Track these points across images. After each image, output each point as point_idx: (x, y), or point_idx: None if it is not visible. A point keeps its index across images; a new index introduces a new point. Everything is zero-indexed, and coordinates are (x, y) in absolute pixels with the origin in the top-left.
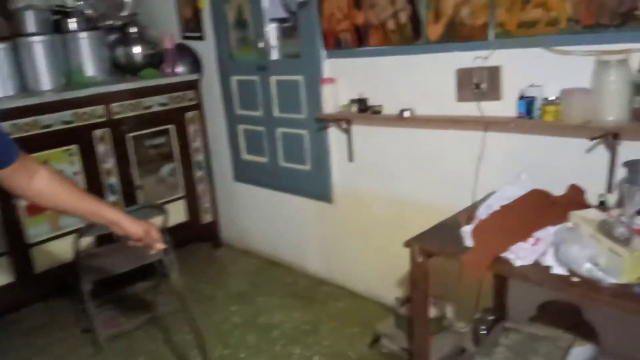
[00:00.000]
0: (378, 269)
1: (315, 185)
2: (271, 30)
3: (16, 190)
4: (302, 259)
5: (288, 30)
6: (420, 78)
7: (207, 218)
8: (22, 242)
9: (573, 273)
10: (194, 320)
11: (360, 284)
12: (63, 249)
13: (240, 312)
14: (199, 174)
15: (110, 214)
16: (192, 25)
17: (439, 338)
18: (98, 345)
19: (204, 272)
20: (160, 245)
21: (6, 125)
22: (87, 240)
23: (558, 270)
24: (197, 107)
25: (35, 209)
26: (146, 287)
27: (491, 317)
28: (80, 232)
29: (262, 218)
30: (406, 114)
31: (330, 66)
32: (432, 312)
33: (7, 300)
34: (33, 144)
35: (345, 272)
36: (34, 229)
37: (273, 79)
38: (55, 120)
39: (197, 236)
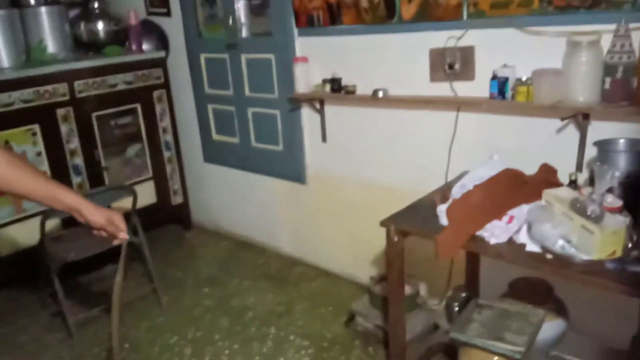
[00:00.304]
0: (351, 249)
1: (288, 166)
2: (241, 7)
3: None
4: (274, 240)
5: (258, 8)
6: (394, 58)
7: (176, 200)
8: None
9: (546, 250)
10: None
11: (333, 264)
12: (28, 233)
13: (212, 295)
14: (167, 154)
15: (71, 200)
16: (157, 0)
17: (412, 316)
18: (67, 331)
19: (174, 255)
20: (123, 235)
21: None
22: (52, 223)
23: (532, 247)
24: (165, 85)
25: None
26: (114, 271)
27: (464, 294)
28: (45, 215)
29: (233, 199)
30: (380, 94)
31: (302, 45)
32: (406, 290)
33: None
34: None
35: (318, 253)
36: None
37: (243, 57)
38: (15, 99)
39: (167, 218)
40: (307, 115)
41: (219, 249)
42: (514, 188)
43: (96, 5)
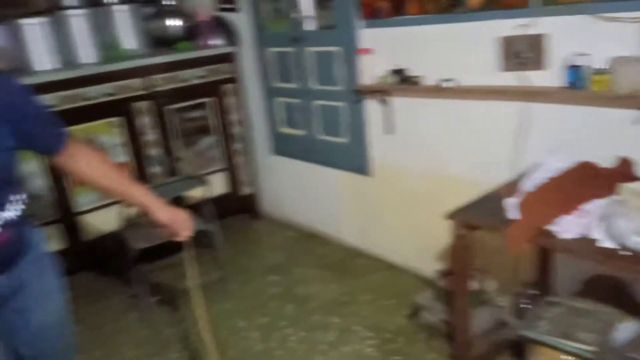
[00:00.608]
0: (415, 242)
1: (353, 158)
2: (305, 1)
3: (59, 166)
4: (338, 231)
5: (322, 1)
6: (460, 47)
7: (246, 190)
8: (70, 211)
9: (621, 246)
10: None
11: (397, 256)
12: (110, 218)
13: (278, 282)
14: (237, 146)
15: (142, 198)
16: None
17: (479, 311)
18: (144, 312)
19: (242, 243)
20: (186, 233)
21: (51, 97)
22: (133, 209)
23: (606, 243)
24: (234, 79)
25: None
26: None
27: (534, 291)
28: (125, 203)
29: (299, 191)
30: (446, 84)
31: (366, 36)
32: (473, 284)
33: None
34: (77, 116)
35: (381, 245)
36: (82, 198)
37: (308, 50)
38: (97, 93)
39: (237, 208)
40: (372, 107)
41: (285, 239)
42: (587, 181)
43: (168, 2)
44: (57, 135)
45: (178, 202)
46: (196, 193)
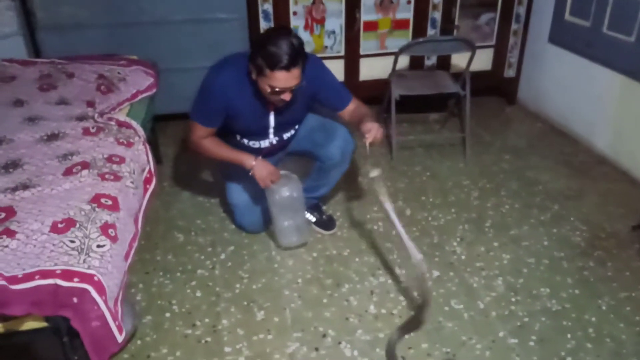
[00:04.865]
0: None
1: (635, 61)
2: None
3: (343, 118)
4: (591, 134)
5: None
6: None
7: (509, 73)
8: (356, 52)
9: None
10: None
11: None
12: (384, 66)
13: (511, 162)
14: (514, 27)
15: (364, 120)
16: None
17: None
18: (390, 150)
19: (489, 121)
20: (367, 140)
21: None
22: (403, 63)
23: None
24: None
25: (370, 26)
26: (436, 119)
27: None
28: (397, 53)
29: (564, 86)
30: None
31: None
32: None
33: None
34: None
35: (635, 159)
36: (366, 43)
37: None
38: None
39: (494, 89)
40: None
41: (533, 128)
42: None
43: None
44: (343, 98)
45: (442, 65)
46: (460, 62)
